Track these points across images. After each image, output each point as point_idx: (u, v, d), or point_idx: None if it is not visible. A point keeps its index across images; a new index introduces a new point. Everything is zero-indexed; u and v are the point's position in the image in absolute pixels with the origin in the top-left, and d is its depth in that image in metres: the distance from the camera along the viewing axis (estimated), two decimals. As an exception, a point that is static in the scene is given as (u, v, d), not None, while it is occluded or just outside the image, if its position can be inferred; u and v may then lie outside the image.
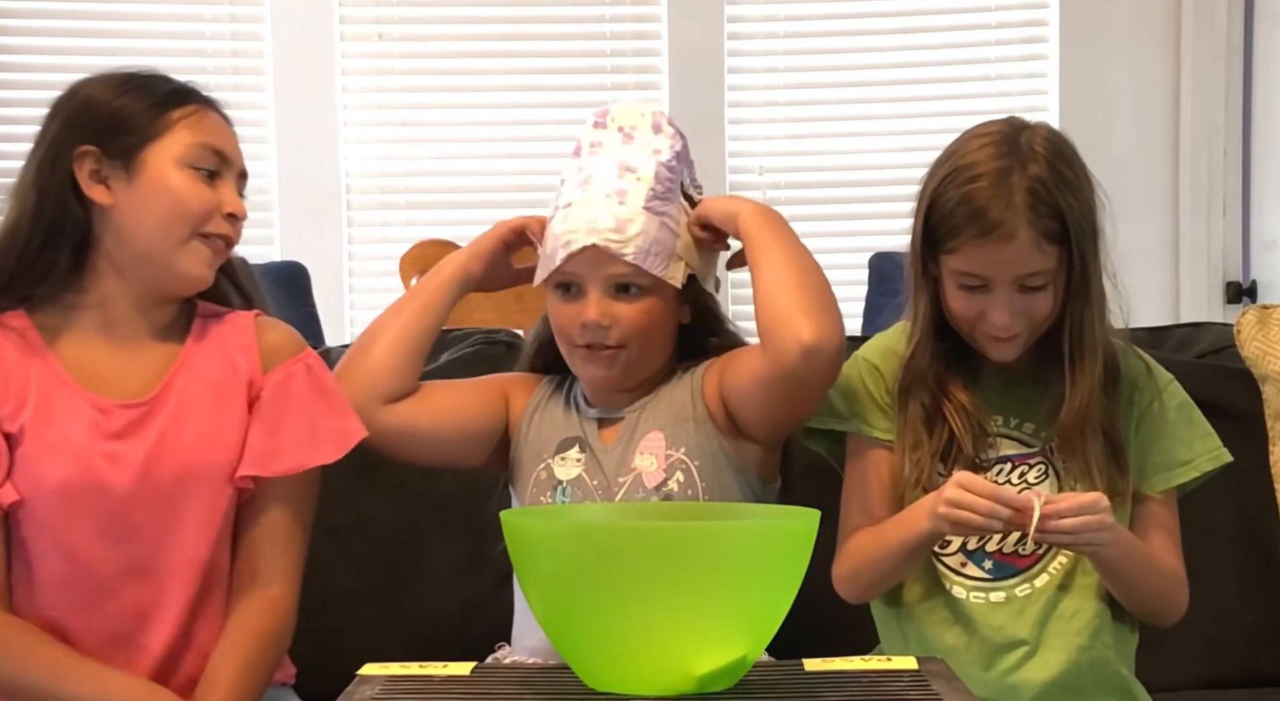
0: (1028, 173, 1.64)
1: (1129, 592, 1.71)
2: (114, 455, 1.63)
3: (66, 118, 1.67)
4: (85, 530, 1.62)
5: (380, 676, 1.42)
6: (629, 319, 1.75)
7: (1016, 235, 1.63)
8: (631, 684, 1.32)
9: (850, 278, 3.66)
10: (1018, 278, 1.65)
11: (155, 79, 1.70)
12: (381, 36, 4.07)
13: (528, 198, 4.02)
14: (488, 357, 2.20)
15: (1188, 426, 1.77)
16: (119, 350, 1.68)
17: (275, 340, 1.73)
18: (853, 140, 4.03)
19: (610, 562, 1.30)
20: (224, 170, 1.69)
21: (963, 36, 4.06)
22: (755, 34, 4.10)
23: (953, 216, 1.66)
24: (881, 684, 1.38)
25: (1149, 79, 4.04)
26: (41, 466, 1.61)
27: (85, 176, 1.64)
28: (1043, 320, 1.69)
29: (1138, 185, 4.03)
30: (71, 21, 3.97)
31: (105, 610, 1.63)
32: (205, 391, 1.68)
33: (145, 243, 1.65)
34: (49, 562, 1.63)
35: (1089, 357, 1.69)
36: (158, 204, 1.65)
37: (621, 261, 1.73)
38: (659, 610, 1.29)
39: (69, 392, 1.64)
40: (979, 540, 1.72)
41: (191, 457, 1.65)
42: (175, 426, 1.65)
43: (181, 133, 1.66)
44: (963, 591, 1.73)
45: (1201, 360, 2.17)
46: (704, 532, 1.38)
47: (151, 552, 1.64)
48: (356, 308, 3.99)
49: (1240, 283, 4.00)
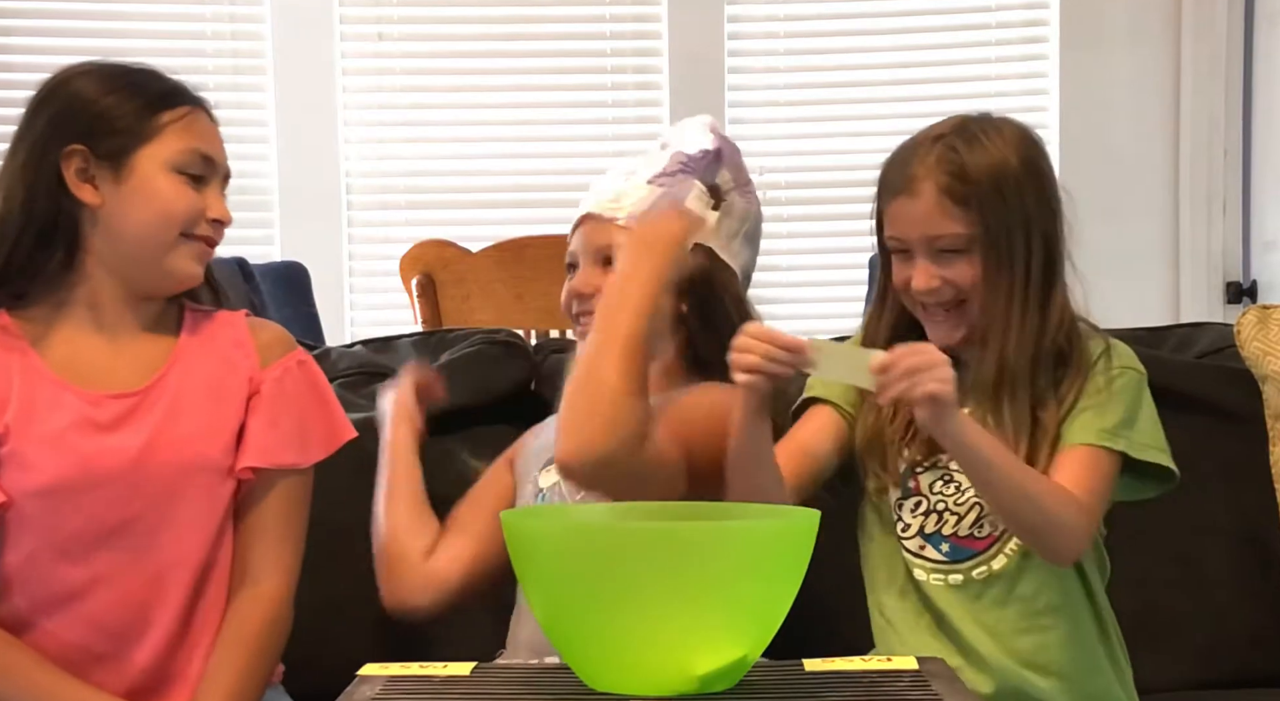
0: (950, 142, 1.70)
1: (990, 488, 1.64)
2: (106, 448, 1.62)
3: (54, 113, 1.66)
4: (78, 527, 1.62)
5: (380, 676, 1.42)
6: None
7: (922, 192, 1.69)
8: (631, 684, 1.32)
9: (850, 278, 3.67)
10: (928, 238, 1.70)
11: (145, 75, 1.69)
12: (381, 36, 4.07)
13: (528, 197, 4.03)
14: (488, 358, 2.20)
15: (1129, 408, 1.73)
16: (109, 344, 1.68)
17: (269, 337, 1.76)
18: (853, 140, 4.03)
19: (610, 562, 1.30)
20: (210, 175, 1.69)
21: (963, 36, 4.06)
22: (755, 34, 4.10)
23: (884, 178, 1.75)
24: (881, 684, 1.38)
25: (1149, 79, 4.04)
26: (30, 464, 1.61)
27: (72, 175, 1.64)
28: (967, 287, 1.70)
29: (1138, 185, 4.03)
30: (71, 21, 3.96)
31: (98, 609, 1.63)
32: (201, 385, 1.69)
33: (132, 243, 1.66)
34: (40, 563, 1.63)
35: (993, 335, 1.70)
36: (146, 207, 1.65)
37: (614, 226, 1.77)
38: (659, 610, 1.29)
39: (55, 388, 1.64)
40: (936, 523, 1.74)
41: (188, 450, 1.65)
42: (171, 419, 1.66)
43: (171, 137, 1.66)
44: (923, 574, 1.75)
45: (1201, 360, 2.17)
46: (704, 532, 1.38)
47: (147, 548, 1.64)
48: (356, 307, 3.99)
49: (1240, 283, 4.00)
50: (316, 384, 1.76)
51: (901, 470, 1.76)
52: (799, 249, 4.01)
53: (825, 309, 3.92)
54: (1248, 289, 3.97)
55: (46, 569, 1.63)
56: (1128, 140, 4.03)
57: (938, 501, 1.75)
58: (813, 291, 3.98)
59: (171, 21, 4.01)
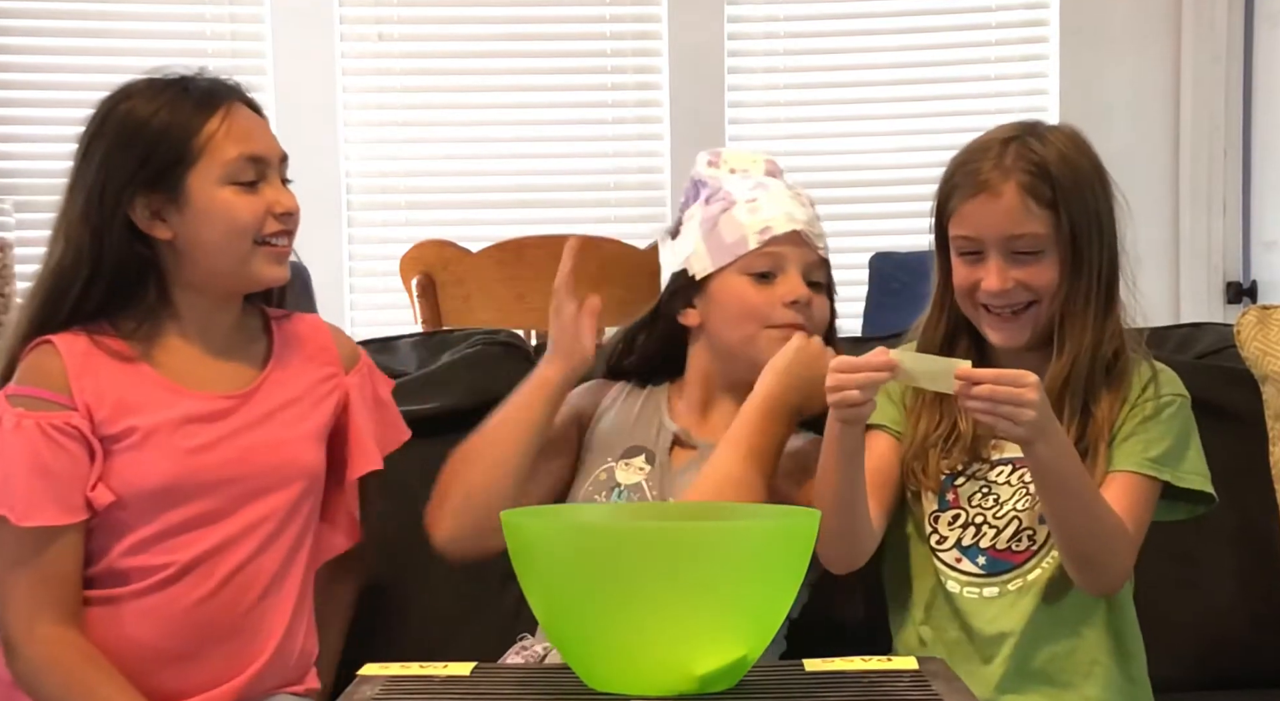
0: (1026, 142, 1.71)
1: (1062, 512, 1.65)
2: (213, 444, 1.68)
3: (107, 151, 1.68)
4: (178, 523, 1.67)
5: (380, 676, 1.42)
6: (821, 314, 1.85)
7: (1004, 192, 1.69)
8: (631, 684, 1.32)
9: (850, 278, 3.66)
10: (1007, 237, 1.69)
11: (181, 84, 1.71)
12: (381, 36, 4.07)
13: (528, 197, 4.03)
14: (488, 358, 2.20)
15: (1179, 437, 1.75)
16: (210, 353, 1.74)
17: (346, 342, 1.88)
18: (853, 140, 4.02)
19: (610, 562, 1.30)
20: (265, 171, 1.71)
21: (963, 36, 4.06)
22: (755, 34, 4.10)
23: (952, 179, 1.73)
24: (881, 684, 1.38)
25: (1149, 79, 4.03)
26: (140, 466, 1.66)
27: (143, 218, 1.68)
28: (1041, 289, 1.70)
29: (1138, 185, 3.98)
30: (72, 21, 3.95)
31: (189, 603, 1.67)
32: (300, 389, 1.77)
33: (212, 262, 1.70)
34: (139, 557, 1.67)
35: (1070, 338, 1.71)
36: (213, 228, 1.69)
37: (815, 252, 1.87)
38: (659, 610, 1.29)
39: (167, 392, 1.69)
40: (974, 536, 1.74)
41: (289, 450, 1.72)
42: (274, 419, 1.73)
43: (216, 151, 1.68)
44: (957, 586, 1.75)
45: (1201, 360, 2.17)
46: (704, 532, 1.38)
47: (238, 545, 1.69)
48: (356, 307, 3.99)
49: (1240, 283, 3.99)
50: (381, 386, 1.86)
51: (941, 478, 1.77)
52: (799, 249, 4.00)
53: (825, 309, 3.91)
54: (1248, 289, 3.97)
55: (144, 562, 1.66)
56: (1128, 140, 4.02)
57: (976, 514, 1.76)
58: (812, 291, 3.97)
59: (171, 21, 4.00)
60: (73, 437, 1.64)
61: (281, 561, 1.72)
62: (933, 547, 1.76)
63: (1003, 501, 1.75)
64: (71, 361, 1.66)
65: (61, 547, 1.63)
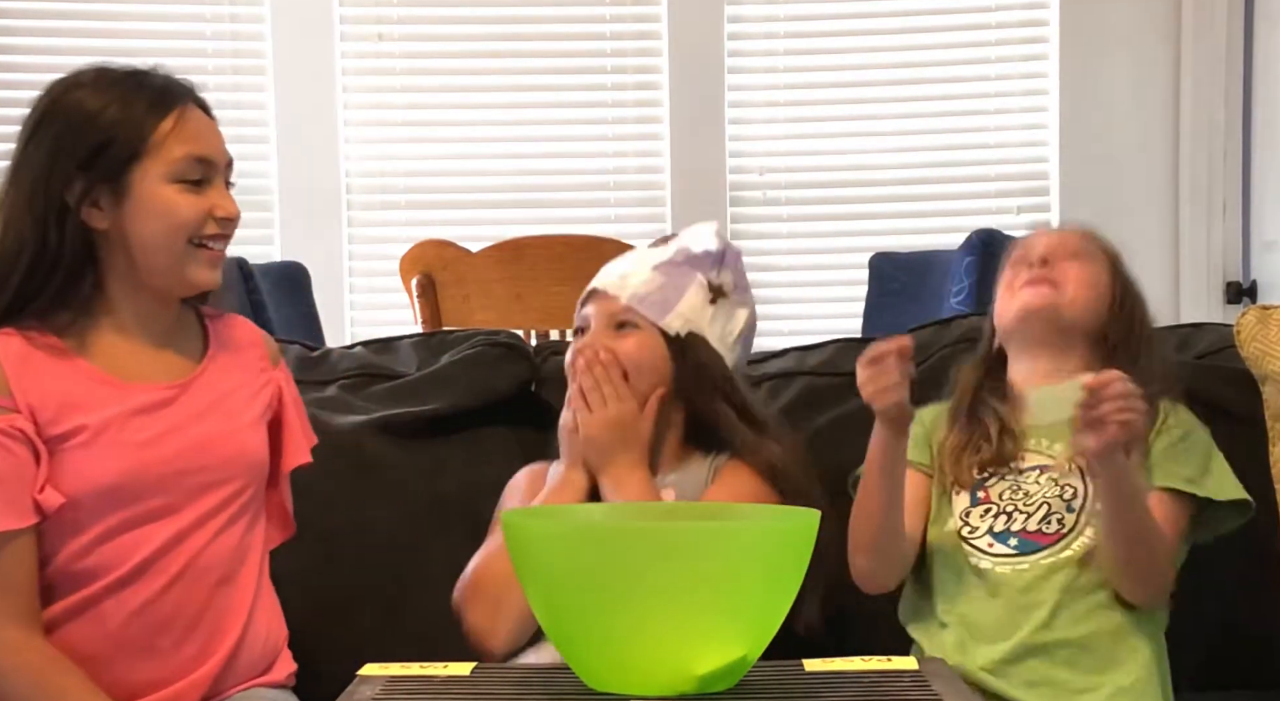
0: None
1: (1127, 523, 1.72)
2: (157, 438, 1.67)
3: (54, 137, 1.66)
4: (129, 518, 1.65)
5: (380, 676, 1.42)
6: (624, 349, 1.89)
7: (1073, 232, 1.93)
8: (631, 684, 1.32)
9: (850, 278, 3.66)
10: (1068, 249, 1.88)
11: (130, 83, 1.69)
12: (381, 36, 4.07)
13: (528, 197, 4.04)
14: (488, 359, 2.19)
15: (1205, 457, 1.85)
16: (146, 347, 1.72)
17: (271, 342, 1.87)
18: (853, 140, 4.03)
19: (610, 562, 1.30)
20: (210, 175, 1.70)
21: (963, 37, 4.06)
22: (755, 34, 4.10)
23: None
24: (881, 684, 1.38)
25: (1149, 79, 4.03)
26: (90, 464, 1.64)
27: (74, 198, 1.65)
28: (1079, 288, 1.86)
29: (1138, 185, 4.03)
30: (71, 21, 3.96)
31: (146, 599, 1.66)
32: (236, 382, 1.76)
33: (148, 258, 1.68)
34: (92, 554, 1.65)
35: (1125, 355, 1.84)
36: (152, 222, 1.67)
37: (617, 302, 1.91)
38: (659, 610, 1.29)
39: (107, 386, 1.67)
40: (1005, 522, 1.81)
41: (235, 441, 1.72)
42: (215, 411, 1.72)
43: (165, 150, 1.66)
44: (989, 563, 1.81)
45: (1201, 360, 2.17)
46: (704, 532, 1.38)
47: (189, 538, 1.67)
48: (356, 307, 3.99)
49: (1240, 283, 3.99)
50: (295, 387, 1.87)
51: (974, 480, 1.85)
52: (798, 249, 4.01)
53: (825, 309, 3.92)
54: (1248, 289, 3.97)
55: (97, 562, 1.65)
56: (1128, 140, 4.02)
57: (1007, 505, 1.83)
58: (812, 291, 3.98)
59: (171, 21, 4.00)
60: (18, 440, 1.61)
61: (235, 550, 1.71)
62: (964, 537, 1.82)
63: (1032, 494, 1.82)
64: (9, 363, 1.63)
65: (15, 552, 1.61)
